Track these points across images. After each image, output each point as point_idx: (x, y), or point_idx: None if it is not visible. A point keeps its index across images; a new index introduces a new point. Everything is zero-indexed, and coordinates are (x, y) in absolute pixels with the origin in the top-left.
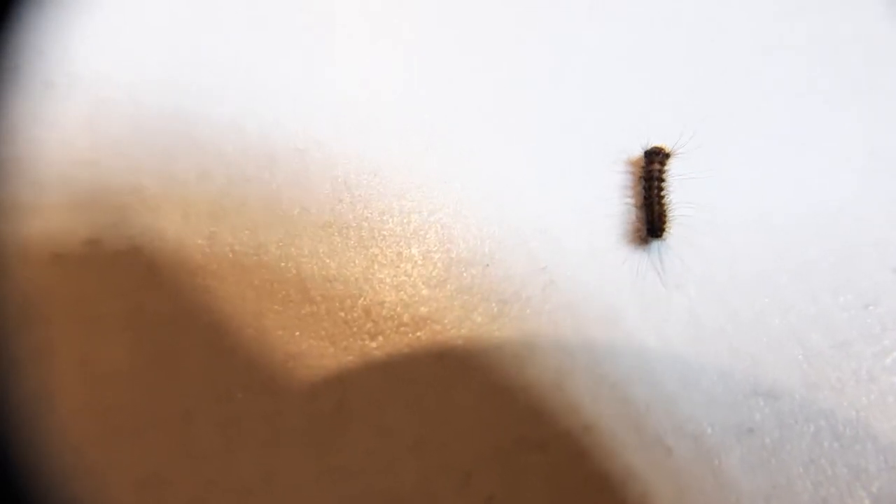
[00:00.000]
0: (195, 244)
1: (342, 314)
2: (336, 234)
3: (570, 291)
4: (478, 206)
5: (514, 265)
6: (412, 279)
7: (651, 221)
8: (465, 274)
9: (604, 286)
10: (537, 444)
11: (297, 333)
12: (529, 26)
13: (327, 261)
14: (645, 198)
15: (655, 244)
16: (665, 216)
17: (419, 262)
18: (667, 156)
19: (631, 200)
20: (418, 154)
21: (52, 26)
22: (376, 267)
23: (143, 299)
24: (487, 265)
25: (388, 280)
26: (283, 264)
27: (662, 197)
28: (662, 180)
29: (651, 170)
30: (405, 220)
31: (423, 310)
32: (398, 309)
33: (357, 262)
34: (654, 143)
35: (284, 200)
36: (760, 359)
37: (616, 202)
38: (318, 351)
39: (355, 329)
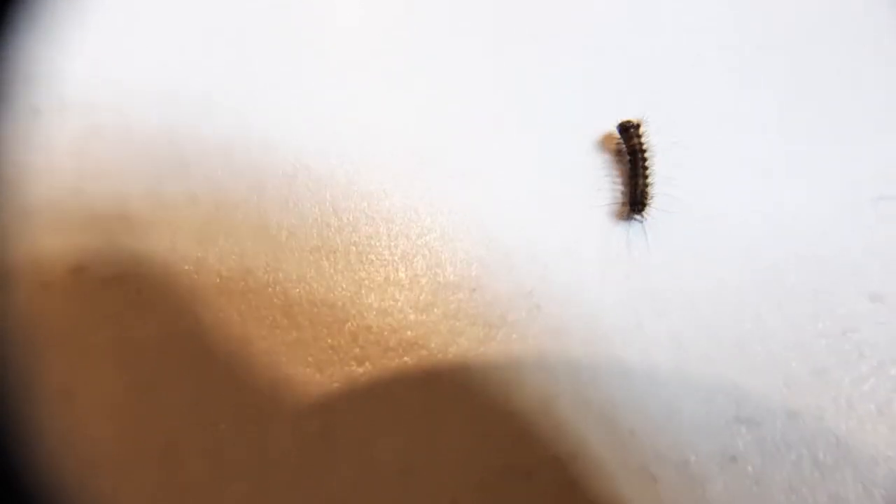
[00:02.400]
0: (182, 270)
1: (329, 340)
2: (324, 258)
3: (555, 316)
4: (465, 231)
5: (501, 289)
6: (399, 304)
7: (634, 195)
8: (451, 298)
9: (589, 311)
10: (524, 473)
11: (284, 360)
12: (516, 53)
13: (314, 285)
14: (630, 169)
15: (642, 247)
16: (647, 191)
17: (406, 286)
18: (638, 126)
19: (616, 175)
20: (407, 178)
21: (40, 52)
22: (363, 291)
23: (129, 327)
24: (474, 289)
25: (375, 304)
26: (270, 289)
27: (647, 168)
28: (645, 151)
29: (633, 143)
30: (393, 245)
31: (409, 334)
32: (385, 334)
33: (344, 286)
34: (624, 118)
35: (272, 225)
36: (742, 385)
37: (604, 229)
38: (304, 378)
39: (342, 355)
